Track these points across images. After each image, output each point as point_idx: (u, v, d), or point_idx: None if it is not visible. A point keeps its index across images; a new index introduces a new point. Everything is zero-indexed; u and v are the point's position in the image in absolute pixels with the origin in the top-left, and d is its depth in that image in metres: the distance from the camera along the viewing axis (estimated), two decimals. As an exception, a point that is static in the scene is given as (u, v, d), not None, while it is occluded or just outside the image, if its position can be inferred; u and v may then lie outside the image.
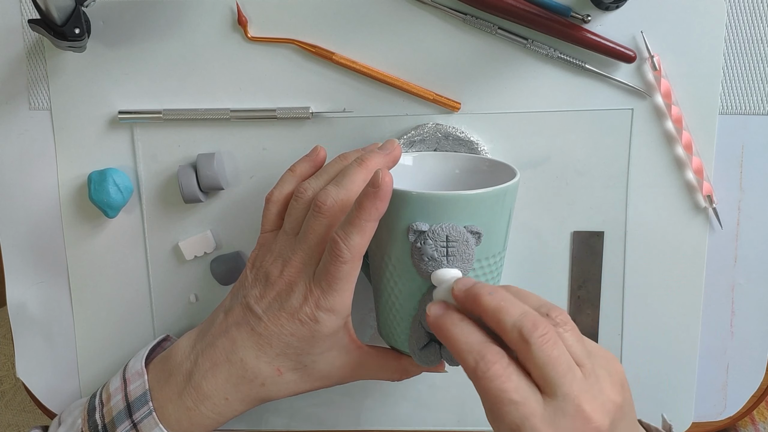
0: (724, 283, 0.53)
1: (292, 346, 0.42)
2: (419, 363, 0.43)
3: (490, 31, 0.48)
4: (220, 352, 0.43)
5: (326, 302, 0.40)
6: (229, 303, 0.45)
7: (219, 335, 0.44)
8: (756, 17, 0.48)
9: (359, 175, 0.41)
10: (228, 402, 0.43)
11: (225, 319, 0.44)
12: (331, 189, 0.41)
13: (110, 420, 0.44)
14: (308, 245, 0.41)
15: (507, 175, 0.43)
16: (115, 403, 0.44)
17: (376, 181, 0.37)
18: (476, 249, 0.40)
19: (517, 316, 0.34)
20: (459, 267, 0.39)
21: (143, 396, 0.44)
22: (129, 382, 0.45)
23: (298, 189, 0.44)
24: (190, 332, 0.47)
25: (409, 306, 0.42)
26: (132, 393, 0.44)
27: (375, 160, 0.42)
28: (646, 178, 0.51)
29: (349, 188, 0.41)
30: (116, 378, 0.46)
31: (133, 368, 0.46)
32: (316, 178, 0.44)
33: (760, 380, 0.54)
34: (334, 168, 0.44)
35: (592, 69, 0.48)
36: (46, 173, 0.52)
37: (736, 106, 0.50)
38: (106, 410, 0.45)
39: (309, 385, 0.44)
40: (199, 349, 0.44)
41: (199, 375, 0.43)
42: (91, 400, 0.47)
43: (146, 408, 0.43)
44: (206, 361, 0.43)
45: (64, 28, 0.43)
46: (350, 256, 0.39)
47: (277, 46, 0.49)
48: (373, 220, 0.38)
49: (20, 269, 0.53)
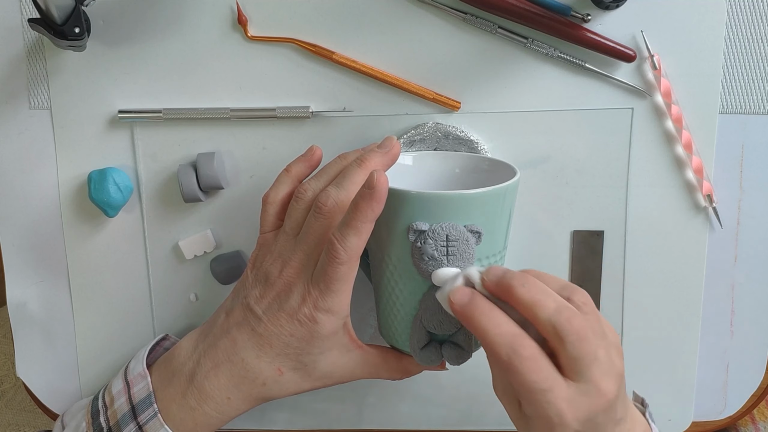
0: (724, 283, 0.53)
1: (291, 346, 0.42)
2: (420, 362, 0.43)
3: (490, 31, 0.48)
4: (222, 353, 0.43)
5: (324, 303, 0.40)
6: (230, 303, 0.46)
7: (221, 336, 0.44)
8: (756, 16, 0.48)
9: (359, 176, 0.41)
10: (230, 401, 0.43)
11: (226, 319, 0.44)
12: (332, 190, 0.41)
13: (115, 422, 0.44)
14: (308, 246, 0.42)
15: (507, 175, 0.43)
16: (119, 405, 0.45)
17: (371, 183, 0.38)
18: (476, 248, 0.40)
19: (551, 312, 0.35)
20: (459, 266, 0.39)
21: (148, 398, 0.44)
22: (132, 385, 0.45)
23: (299, 190, 0.44)
24: (192, 333, 0.47)
25: (410, 305, 0.42)
26: (136, 395, 0.45)
27: (374, 160, 0.42)
28: (646, 177, 0.51)
29: (350, 189, 0.41)
30: (118, 380, 0.47)
31: (135, 370, 0.46)
32: (316, 179, 0.44)
33: (760, 380, 0.54)
34: (333, 169, 0.45)
35: (592, 68, 0.48)
36: (46, 172, 0.52)
37: (737, 106, 0.50)
38: (110, 413, 0.45)
39: (310, 384, 0.44)
40: (202, 349, 0.44)
41: (201, 375, 0.43)
42: (94, 402, 0.47)
43: (151, 410, 0.43)
44: (208, 361, 0.43)
45: (64, 28, 0.43)
46: (347, 257, 0.39)
47: (277, 45, 0.49)
48: (369, 221, 0.39)
49: (20, 268, 0.53)
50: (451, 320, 0.41)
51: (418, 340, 0.42)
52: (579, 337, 0.34)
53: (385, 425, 0.55)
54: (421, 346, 0.42)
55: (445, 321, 0.41)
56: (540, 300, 0.35)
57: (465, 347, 0.42)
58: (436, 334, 0.42)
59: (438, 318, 0.41)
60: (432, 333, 0.42)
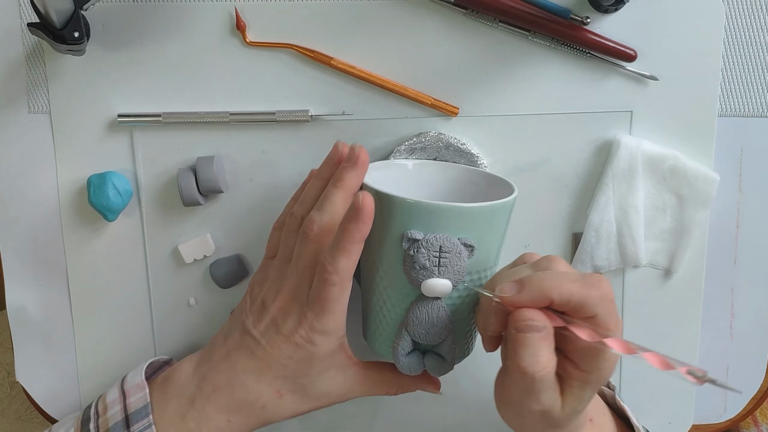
0: (724, 285, 0.53)
1: (290, 369, 0.42)
2: (401, 370, 0.43)
3: (492, 24, 0.48)
4: (222, 376, 0.44)
5: (320, 324, 0.41)
6: (228, 327, 0.46)
7: (221, 360, 0.44)
8: (754, 20, 0.48)
9: (338, 197, 0.42)
10: (230, 424, 0.44)
11: (225, 343, 0.45)
12: (315, 215, 0.42)
13: (105, 430, 0.44)
14: (299, 271, 0.42)
15: (505, 191, 0.43)
16: (112, 414, 0.44)
17: (357, 205, 0.38)
18: (468, 262, 0.40)
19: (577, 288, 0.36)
20: (450, 278, 0.39)
21: (144, 409, 0.44)
22: (129, 395, 0.45)
23: (288, 217, 0.45)
24: (191, 356, 0.47)
25: (397, 312, 0.42)
26: (131, 405, 0.44)
27: (348, 177, 0.42)
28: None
29: (332, 211, 0.42)
30: (113, 390, 0.46)
31: (133, 381, 0.46)
32: (300, 205, 0.45)
33: (760, 382, 0.54)
34: (313, 191, 0.45)
35: (597, 55, 0.48)
36: (45, 177, 0.52)
37: (735, 109, 0.50)
38: (101, 421, 0.45)
39: (309, 405, 0.45)
40: (201, 372, 0.45)
41: (202, 398, 0.44)
42: (86, 410, 0.46)
43: (146, 421, 0.43)
44: (209, 384, 0.44)
45: (64, 32, 0.43)
46: (338, 279, 0.40)
47: (275, 50, 0.49)
48: (358, 242, 0.39)
49: (20, 273, 0.53)
50: (437, 330, 0.41)
51: (402, 347, 0.42)
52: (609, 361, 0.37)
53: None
54: (404, 353, 0.42)
55: (431, 331, 0.41)
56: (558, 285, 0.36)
57: (447, 359, 0.42)
58: (421, 344, 0.42)
59: (424, 327, 0.41)
60: (416, 342, 0.42)
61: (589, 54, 0.48)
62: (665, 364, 0.32)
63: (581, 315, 0.35)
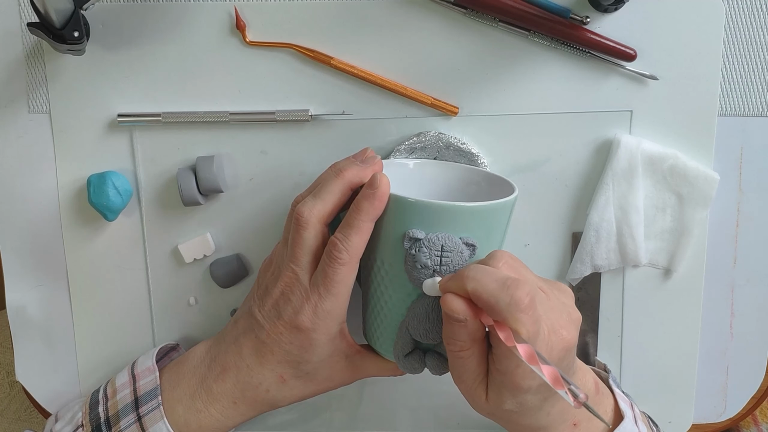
0: (724, 284, 0.53)
1: (292, 354, 0.43)
2: (402, 369, 0.44)
3: (491, 24, 0.48)
4: (230, 358, 0.45)
5: (323, 306, 0.41)
6: (239, 311, 0.47)
7: (230, 342, 0.45)
8: (754, 19, 0.48)
9: (335, 185, 0.42)
10: (236, 406, 0.45)
11: (234, 326, 0.46)
12: (309, 200, 0.42)
13: (114, 413, 0.45)
14: (295, 255, 0.42)
15: (505, 190, 0.43)
16: (122, 397, 0.46)
17: (374, 183, 0.39)
18: (469, 261, 0.40)
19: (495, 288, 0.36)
20: None
21: (153, 390, 0.45)
22: (139, 378, 0.46)
23: (294, 203, 0.45)
24: (206, 340, 0.48)
25: (398, 312, 0.42)
26: (142, 387, 0.46)
27: (350, 169, 0.42)
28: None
29: (326, 199, 0.41)
30: (123, 374, 0.48)
31: (144, 365, 0.47)
32: (307, 191, 0.45)
33: (760, 382, 0.54)
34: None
35: (596, 54, 0.48)
36: (45, 176, 0.52)
37: (735, 108, 0.50)
38: (111, 404, 0.46)
39: (313, 389, 0.45)
40: (212, 354, 0.46)
41: (211, 378, 0.45)
42: (94, 394, 0.48)
43: (155, 401, 0.45)
44: (218, 365, 0.45)
45: (63, 32, 0.43)
46: (348, 257, 0.40)
47: (275, 50, 0.49)
48: (371, 220, 0.40)
49: (20, 272, 0.53)
50: (437, 329, 0.41)
51: (403, 347, 0.42)
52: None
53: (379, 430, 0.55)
54: (405, 353, 0.42)
55: (432, 330, 0.41)
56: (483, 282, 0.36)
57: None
58: (421, 343, 0.42)
59: (425, 326, 0.41)
60: (417, 341, 0.42)
61: (589, 53, 0.48)
62: (557, 381, 0.33)
63: (493, 315, 0.35)
